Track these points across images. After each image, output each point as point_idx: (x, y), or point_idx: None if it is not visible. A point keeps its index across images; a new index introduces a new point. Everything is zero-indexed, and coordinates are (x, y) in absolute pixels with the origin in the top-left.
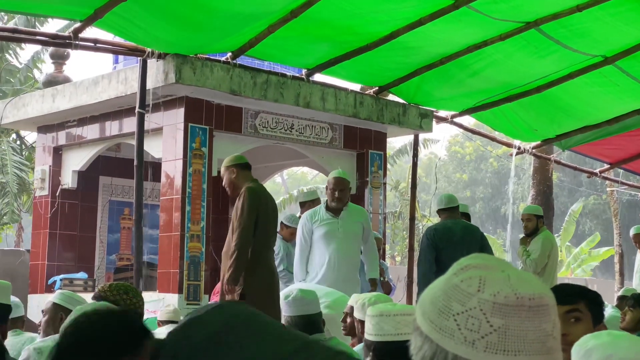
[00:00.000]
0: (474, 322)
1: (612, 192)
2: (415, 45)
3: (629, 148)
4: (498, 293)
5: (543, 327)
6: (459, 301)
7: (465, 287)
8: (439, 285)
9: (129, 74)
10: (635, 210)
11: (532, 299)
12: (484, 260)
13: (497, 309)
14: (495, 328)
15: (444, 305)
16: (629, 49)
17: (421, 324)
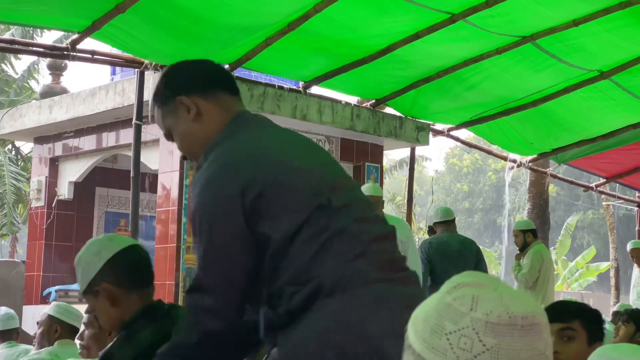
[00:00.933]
0: (466, 341)
1: (607, 206)
2: (412, 58)
3: (624, 162)
4: (491, 312)
5: (535, 346)
6: (452, 320)
7: (458, 306)
8: (432, 304)
9: (127, 85)
10: (631, 224)
11: (525, 317)
12: (477, 279)
13: (489, 328)
14: (487, 347)
15: (437, 323)
16: (625, 64)
17: (413, 342)
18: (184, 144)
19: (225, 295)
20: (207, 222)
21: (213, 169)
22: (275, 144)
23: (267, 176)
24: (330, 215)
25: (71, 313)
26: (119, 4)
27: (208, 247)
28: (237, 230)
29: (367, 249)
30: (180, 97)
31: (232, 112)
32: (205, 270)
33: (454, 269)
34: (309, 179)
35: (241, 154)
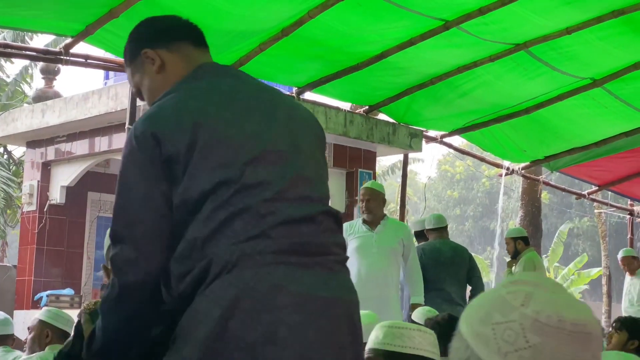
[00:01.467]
0: (510, 334)
1: (600, 214)
2: (405, 65)
3: (616, 170)
4: (541, 311)
5: (580, 355)
6: (501, 312)
7: (510, 300)
8: (488, 294)
9: (120, 89)
10: (623, 232)
11: (576, 324)
12: (538, 279)
13: (536, 326)
14: (530, 344)
15: (486, 312)
16: (617, 72)
17: (462, 327)
18: (150, 97)
19: (142, 243)
20: (122, 167)
21: (139, 119)
22: (211, 102)
23: (183, 136)
24: (238, 191)
25: (62, 318)
26: (113, 9)
27: (121, 192)
28: (149, 174)
29: (268, 231)
30: (144, 50)
31: (195, 63)
32: (119, 218)
33: (446, 275)
34: (225, 147)
35: (167, 107)
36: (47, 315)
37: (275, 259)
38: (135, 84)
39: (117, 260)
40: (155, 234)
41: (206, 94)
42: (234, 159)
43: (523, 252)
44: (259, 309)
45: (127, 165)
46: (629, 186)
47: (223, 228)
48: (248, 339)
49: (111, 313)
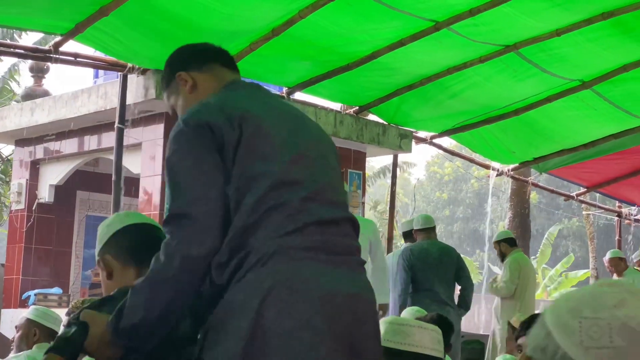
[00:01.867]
0: (596, 330)
1: (587, 215)
2: (395, 65)
3: (605, 172)
4: (633, 317)
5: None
6: (592, 307)
7: (604, 299)
8: (582, 290)
9: (109, 88)
10: (611, 234)
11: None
12: (636, 290)
13: (625, 329)
14: (614, 345)
15: (576, 306)
16: (606, 74)
17: (547, 316)
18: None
19: (207, 219)
20: (176, 152)
21: (185, 114)
22: (253, 101)
23: (231, 128)
24: (277, 185)
25: (50, 317)
26: (103, 7)
27: (179, 173)
28: (209, 157)
29: (303, 228)
30: (179, 73)
31: (227, 80)
32: (180, 197)
33: (434, 276)
34: (268, 143)
35: (213, 102)
36: (35, 314)
37: (306, 254)
38: (172, 106)
39: (179, 235)
40: (218, 212)
41: (246, 98)
42: (274, 155)
43: (509, 253)
44: (295, 298)
45: (183, 151)
46: (617, 188)
47: (262, 221)
48: (285, 327)
49: (163, 286)
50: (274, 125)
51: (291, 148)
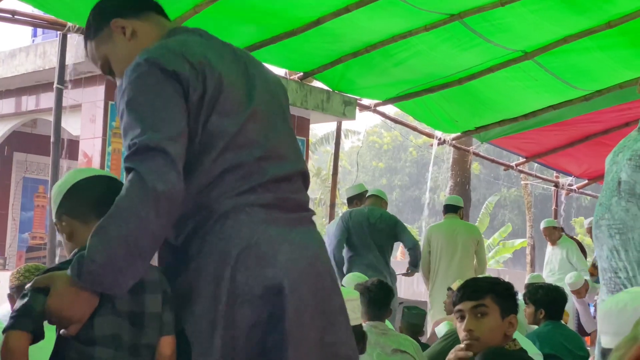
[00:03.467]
0: None
1: (526, 185)
2: (341, 32)
3: (544, 142)
4: None
5: None
6: None
7: None
8: None
9: (48, 48)
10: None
11: None
12: None
13: None
14: None
15: None
16: (548, 45)
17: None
18: (122, 66)
19: (173, 156)
20: (143, 85)
21: (138, 56)
22: (209, 50)
23: (197, 76)
24: (233, 148)
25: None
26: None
27: (146, 103)
28: (175, 94)
29: (256, 187)
30: (114, 19)
31: (166, 28)
32: (148, 130)
33: (370, 240)
34: (230, 100)
35: (172, 45)
36: None
37: (262, 213)
38: (102, 57)
39: (146, 166)
40: (182, 156)
41: (201, 45)
42: (232, 114)
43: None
44: (263, 265)
45: (150, 86)
46: (555, 158)
47: (217, 182)
48: (256, 292)
49: (128, 219)
50: (231, 79)
51: (247, 105)
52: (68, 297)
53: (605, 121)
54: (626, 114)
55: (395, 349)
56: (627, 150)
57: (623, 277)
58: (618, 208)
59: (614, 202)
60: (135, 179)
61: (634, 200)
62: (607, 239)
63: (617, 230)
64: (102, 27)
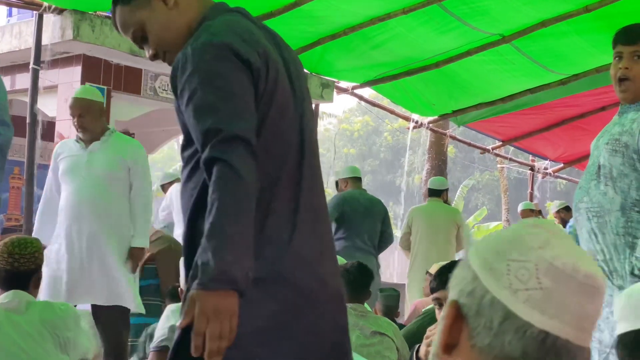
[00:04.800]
0: (524, 273)
1: (502, 169)
2: (319, 14)
3: (520, 126)
4: (558, 257)
5: (586, 307)
6: (519, 250)
7: (530, 241)
8: (506, 232)
9: (24, 28)
10: (521, 187)
11: (588, 276)
12: (558, 229)
13: (551, 270)
14: (542, 287)
15: (503, 249)
16: (525, 29)
17: (472, 259)
18: (164, 35)
19: (252, 142)
20: (212, 62)
21: (205, 35)
22: (263, 38)
23: (263, 68)
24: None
25: None
26: None
27: (216, 82)
28: (245, 71)
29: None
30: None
31: (209, 2)
32: (224, 112)
33: (362, 224)
34: (282, 97)
35: (239, 29)
36: None
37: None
38: (137, 23)
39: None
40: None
41: (255, 30)
42: (285, 107)
43: None
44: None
45: (222, 65)
46: (531, 142)
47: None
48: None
49: (245, 161)
50: (282, 70)
51: (296, 104)
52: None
53: (581, 105)
54: (602, 98)
55: (375, 331)
56: (606, 134)
57: (600, 259)
58: (596, 192)
59: (593, 186)
60: (229, 171)
61: (611, 183)
62: (586, 222)
63: (594, 213)
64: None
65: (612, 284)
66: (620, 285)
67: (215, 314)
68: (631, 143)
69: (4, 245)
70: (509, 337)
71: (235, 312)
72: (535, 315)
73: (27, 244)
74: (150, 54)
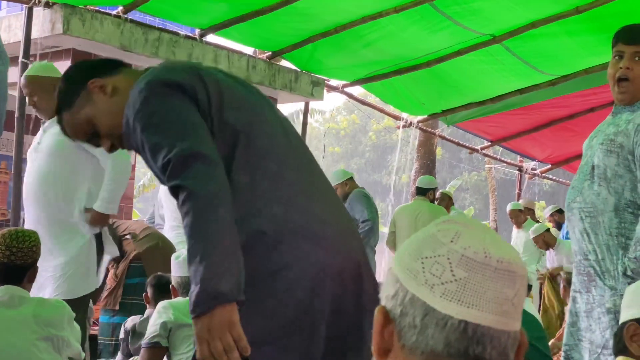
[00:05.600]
0: (438, 267)
1: (490, 169)
2: (311, 12)
3: (509, 126)
4: (469, 247)
5: (504, 291)
6: (431, 247)
7: (441, 237)
8: (420, 233)
9: (13, 21)
10: (507, 188)
11: (501, 261)
12: (468, 221)
13: (463, 261)
14: (456, 278)
15: (417, 248)
16: (516, 29)
17: (394, 264)
18: (113, 122)
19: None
20: (143, 106)
21: (138, 84)
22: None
23: (194, 75)
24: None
25: None
26: None
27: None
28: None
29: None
30: (91, 80)
31: (140, 74)
32: (167, 144)
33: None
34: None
35: (163, 65)
36: None
37: None
38: (85, 121)
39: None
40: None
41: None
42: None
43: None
44: None
45: (152, 102)
46: (520, 142)
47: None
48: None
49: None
50: (228, 82)
51: (250, 99)
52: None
53: (570, 106)
54: (591, 99)
55: None
56: (600, 134)
57: (592, 259)
58: (590, 192)
59: (586, 186)
60: (189, 196)
61: (605, 184)
62: (578, 221)
63: (587, 213)
64: (78, 91)
65: (603, 284)
66: (612, 285)
67: (211, 334)
68: (626, 144)
69: (1, 237)
70: (431, 331)
71: (232, 321)
72: (452, 306)
73: (25, 237)
74: (107, 147)
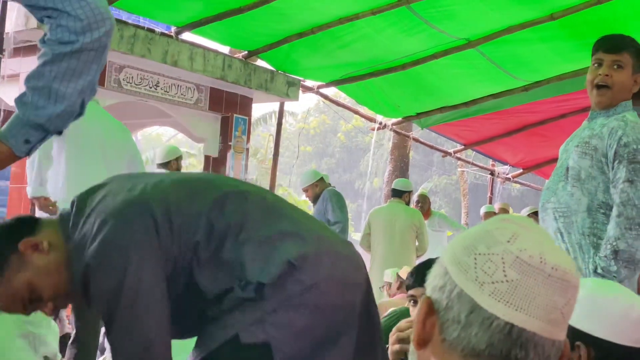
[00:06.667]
0: (490, 265)
1: (462, 172)
2: (288, 12)
3: (482, 131)
4: (525, 250)
5: (554, 299)
6: (486, 244)
7: (497, 235)
8: (476, 228)
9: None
10: (478, 191)
11: (555, 269)
12: (527, 223)
13: (517, 263)
14: (508, 279)
15: (471, 243)
16: (491, 35)
17: (444, 255)
18: (55, 280)
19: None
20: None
21: (101, 224)
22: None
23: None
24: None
25: None
26: None
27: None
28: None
29: None
30: (20, 242)
31: (59, 219)
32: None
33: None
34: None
35: (127, 200)
36: None
37: None
38: (24, 286)
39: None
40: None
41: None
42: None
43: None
44: None
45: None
46: (492, 147)
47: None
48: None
49: None
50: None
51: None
52: None
53: (542, 112)
54: (563, 105)
55: None
56: (576, 138)
57: None
58: (564, 192)
59: (560, 187)
60: None
61: (579, 185)
62: (552, 221)
63: (561, 213)
64: (8, 256)
65: None
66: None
67: None
68: (600, 147)
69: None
70: (475, 330)
71: None
72: (500, 307)
73: None
74: (49, 310)
